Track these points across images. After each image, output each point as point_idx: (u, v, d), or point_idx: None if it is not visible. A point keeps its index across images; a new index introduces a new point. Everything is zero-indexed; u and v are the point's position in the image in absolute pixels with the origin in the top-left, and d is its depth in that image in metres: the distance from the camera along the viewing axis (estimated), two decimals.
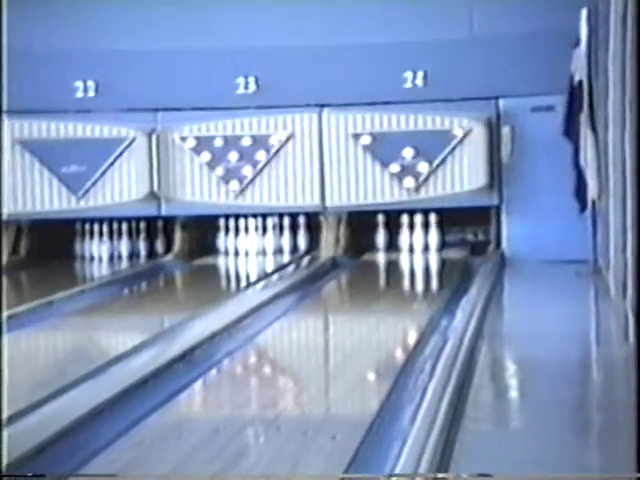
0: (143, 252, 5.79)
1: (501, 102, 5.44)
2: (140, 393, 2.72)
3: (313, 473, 2.18)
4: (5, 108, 5.53)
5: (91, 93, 5.55)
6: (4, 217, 5.57)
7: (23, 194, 5.53)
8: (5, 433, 2.21)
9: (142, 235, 5.82)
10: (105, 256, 5.74)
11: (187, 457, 2.30)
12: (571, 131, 4.84)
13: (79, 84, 5.56)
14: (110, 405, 2.57)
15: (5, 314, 3.83)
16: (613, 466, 2.17)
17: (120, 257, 5.74)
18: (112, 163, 5.52)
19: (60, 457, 2.24)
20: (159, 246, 5.83)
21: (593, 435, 2.46)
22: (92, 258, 5.74)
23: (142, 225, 5.80)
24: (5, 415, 2.03)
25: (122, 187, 5.54)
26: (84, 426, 2.42)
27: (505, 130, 5.40)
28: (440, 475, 1.84)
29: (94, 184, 5.53)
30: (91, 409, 2.51)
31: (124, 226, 5.77)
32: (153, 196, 5.52)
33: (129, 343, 3.56)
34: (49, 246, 5.74)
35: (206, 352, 3.24)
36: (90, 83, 5.56)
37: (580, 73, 4.68)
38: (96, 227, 5.78)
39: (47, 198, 5.54)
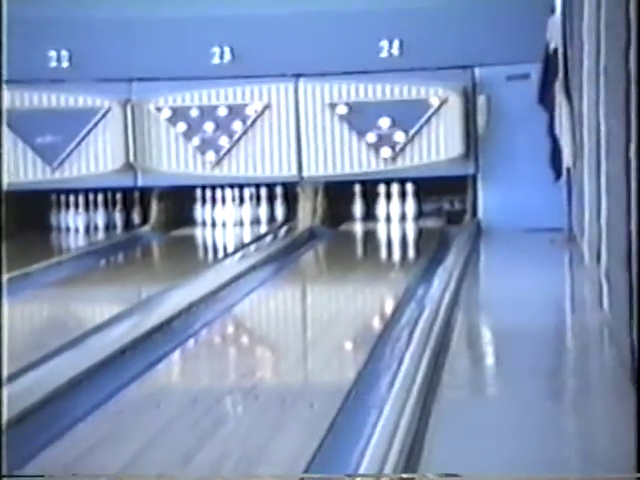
0: (119, 223, 5.77)
1: (477, 71, 5.44)
2: (118, 363, 2.73)
3: (292, 440, 2.19)
4: None
5: (65, 63, 5.50)
6: None
7: None
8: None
9: (118, 206, 5.79)
10: (81, 227, 5.72)
11: (165, 426, 2.32)
12: (546, 99, 4.85)
13: (53, 54, 5.50)
14: (88, 375, 2.58)
15: None
16: (588, 431, 2.20)
17: (96, 228, 5.72)
18: (87, 134, 5.48)
19: (40, 427, 2.25)
20: (135, 217, 5.81)
21: (569, 401, 2.49)
22: (68, 229, 5.71)
23: (118, 196, 5.78)
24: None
25: (98, 158, 5.50)
26: (63, 396, 2.43)
27: (481, 99, 5.40)
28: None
29: (69, 155, 5.49)
30: (69, 379, 2.51)
31: (100, 197, 5.75)
32: (129, 167, 5.50)
33: (107, 314, 3.56)
34: (25, 217, 5.71)
35: (184, 323, 3.25)
36: (64, 53, 5.50)
37: (555, 41, 4.69)
38: (72, 198, 5.74)
39: (22, 169, 5.50)
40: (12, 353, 3.00)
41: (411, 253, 5.24)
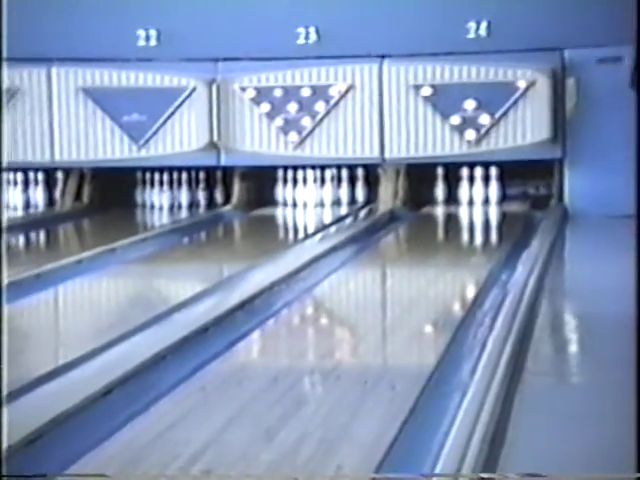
0: (202, 202, 5.83)
1: (566, 53, 5.33)
2: (201, 340, 2.76)
3: (374, 422, 2.19)
4: (69, 56, 5.57)
5: (153, 42, 5.56)
6: (69, 164, 5.64)
7: (86, 142, 5.58)
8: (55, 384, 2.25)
9: (201, 185, 5.85)
10: (165, 205, 5.79)
11: (247, 404, 2.33)
12: (639, 83, 4.73)
13: (141, 33, 5.57)
14: (172, 351, 2.61)
15: (71, 259, 3.90)
16: None
17: (180, 206, 5.79)
18: (173, 113, 5.54)
19: (127, 399, 2.29)
20: (218, 196, 5.86)
21: None
22: (152, 207, 5.79)
23: (202, 175, 5.84)
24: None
25: (182, 137, 5.56)
26: (148, 371, 2.46)
27: (570, 82, 5.29)
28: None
29: (155, 133, 5.56)
30: (154, 354, 2.55)
31: (184, 176, 5.81)
32: (213, 146, 5.54)
33: (190, 291, 3.60)
34: (111, 194, 5.81)
35: (265, 302, 3.27)
36: (152, 32, 5.56)
37: None
38: (157, 176, 5.82)
39: (109, 146, 5.59)
40: (98, 328, 3.06)
41: (494, 237, 5.18)
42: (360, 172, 5.71)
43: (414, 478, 1.89)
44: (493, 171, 5.56)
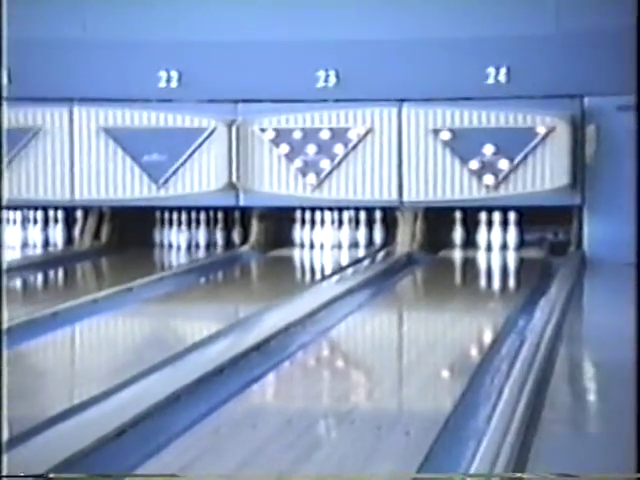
0: (220, 242, 5.84)
1: (586, 100, 5.34)
2: (216, 381, 2.75)
3: (388, 467, 2.17)
4: (90, 96, 5.63)
5: (174, 83, 5.62)
6: (88, 203, 5.68)
7: (105, 181, 5.62)
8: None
9: (219, 225, 5.87)
10: (183, 245, 5.81)
11: (261, 447, 2.32)
12: None
13: (162, 74, 5.63)
14: (187, 392, 2.60)
15: (88, 297, 3.91)
16: None
17: (197, 246, 5.80)
18: (192, 153, 5.58)
19: (138, 442, 2.27)
20: (236, 236, 5.87)
21: None
22: (170, 246, 5.81)
23: (220, 215, 5.85)
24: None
25: (201, 177, 5.59)
26: (162, 411, 2.45)
27: (590, 129, 5.30)
28: (516, 475, 1.81)
29: (174, 173, 5.59)
30: (168, 395, 2.54)
31: (202, 215, 5.83)
32: (231, 186, 5.57)
33: (205, 331, 3.60)
34: (129, 233, 5.83)
35: (280, 343, 3.26)
36: (173, 73, 5.62)
37: None
38: (175, 216, 5.84)
39: (129, 186, 5.62)
40: (113, 367, 3.06)
41: (512, 283, 5.16)
42: (378, 215, 5.71)
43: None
44: (511, 216, 5.55)
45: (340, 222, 5.71)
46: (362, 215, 5.71)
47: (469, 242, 5.61)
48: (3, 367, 2.27)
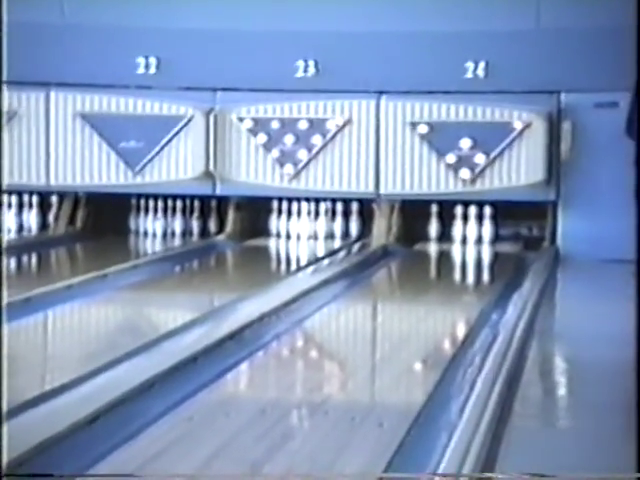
0: (196, 230, 5.83)
1: (563, 96, 5.37)
2: (190, 370, 2.74)
3: (361, 458, 2.18)
4: (68, 81, 5.59)
5: (152, 70, 5.59)
6: (64, 189, 5.65)
7: (82, 167, 5.59)
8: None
9: (195, 213, 5.85)
10: (159, 232, 5.79)
11: (234, 436, 2.32)
12: (634, 130, 4.77)
13: (141, 60, 5.60)
14: (160, 379, 2.60)
15: (62, 283, 3.89)
16: None
17: (173, 234, 5.78)
18: (169, 140, 5.56)
19: (111, 428, 2.27)
20: (212, 225, 5.86)
21: None
22: (146, 234, 5.79)
23: (196, 204, 5.84)
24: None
25: (178, 165, 5.57)
26: (135, 399, 2.45)
27: (566, 125, 5.33)
28: (492, 475, 1.83)
29: (151, 160, 5.57)
30: (142, 382, 2.54)
31: (178, 204, 5.82)
32: (208, 175, 5.55)
33: (180, 320, 3.59)
34: (104, 219, 5.81)
35: (255, 333, 3.26)
36: (152, 60, 5.59)
37: None
38: (151, 203, 5.82)
39: (105, 172, 5.59)
40: (87, 354, 3.05)
41: (486, 277, 5.18)
42: (355, 206, 5.72)
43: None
44: (487, 210, 5.58)
45: (317, 213, 5.72)
46: (339, 206, 5.71)
47: (445, 235, 5.64)
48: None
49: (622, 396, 2.69)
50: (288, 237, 5.72)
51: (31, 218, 5.81)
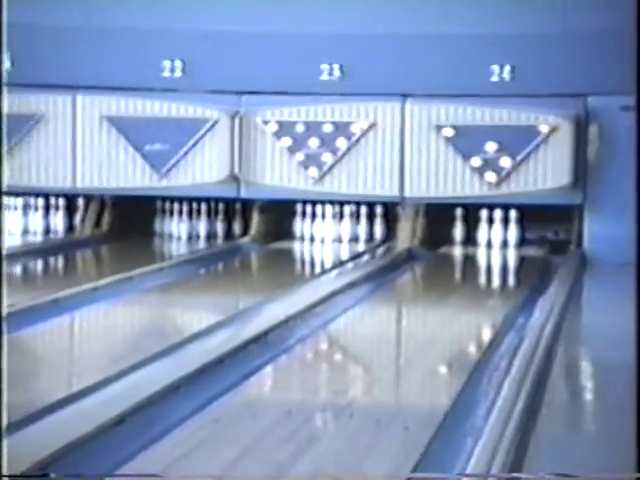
0: (220, 233, 5.84)
1: (590, 100, 5.34)
2: (216, 372, 2.75)
3: (386, 461, 2.17)
4: (94, 84, 5.62)
5: (178, 73, 5.61)
6: (90, 191, 5.68)
7: (108, 169, 5.62)
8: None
9: (220, 216, 5.87)
10: (184, 235, 5.81)
11: (260, 438, 2.32)
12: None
13: (167, 64, 5.62)
14: (186, 382, 2.60)
15: (88, 285, 3.91)
16: None
17: (198, 237, 5.80)
18: (195, 143, 5.57)
19: (138, 429, 2.28)
20: (236, 228, 5.87)
21: None
22: (171, 236, 5.81)
23: (221, 206, 5.85)
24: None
25: (203, 168, 5.59)
26: (161, 401, 2.45)
27: (593, 128, 5.30)
28: (519, 475, 1.82)
29: (176, 163, 5.59)
30: (168, 384, 2.54)
31: (203, 206, 5.83)
32: (233, 178, 5.56)
33: (205, 322, 3.60)
34: (130, 222, 5.83)
35: (280, 336, 3.26)
36: (177, 63, 5.61)
37: None
38: (176, 206, 5.84)
39: (130, 175, 5.62)
40: (113, 355, 3.06)
41: (511, 281, 5.16)
42: (379, 209, 5.71)
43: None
44: (512, 214, 5.55)
45: (341, 216, 5.71)
46: (363, 209, 5.71)
47: (469, 239, 5.62)
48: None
49: None
50: (312, 240, 5.72)
51: (58, 220, 5.84)
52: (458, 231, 5.65)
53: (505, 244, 5.56)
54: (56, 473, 2.01)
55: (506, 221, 5.57)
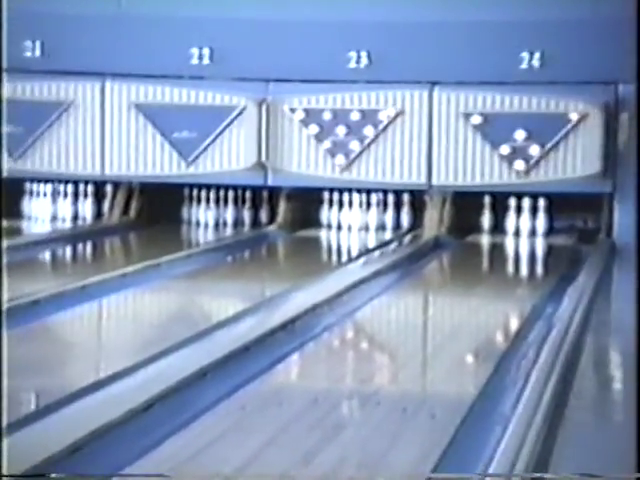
0: (247, 220, 5.85)
1: (620, 87, 5.29)
2: (242, 359, 2.76)
3: (413, 450, 2.17)
4: (123, 71, 5.64)
5: (206, 60, 5.61)
6: (118, 178, 5.71)
7: (136, 156, 5.64)
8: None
9: (247, 204, 5.87)
10: (211, 222, 5.82)
11: (287, 425, 2.33)
12: None
13: (195, 51, 5.62)
14: (213, 368, 2.61)
15: (117, 272, 3.93)
16: None
17: (225, 224, 5.81)
18: (222, 131, 5.58)
19: (166, 415, 2.29)
20: (263, 216, 5.88)
21: None
22: (198, 223, 5.83)
23: (248, 194, 5.86)
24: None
25: (230, 155, 5.59)
26: (188, 387, 2.46)
27: (623, 116, 5.25)
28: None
29: (204, 151, 5.60)
30: (195, 371, 2.55)
31: (230, 194, 5.84)
32: (260, 166, 5.56)
33: (232, 309, 3.61)
34: (158, 209, 5.85)
35: (306, 323, 3.26)
36: (205, 50, 5.62)
37: None
38: (203, 193, 5.86)
39: (158, 162, 5.63)
40: (141, 342, 3.08)
41: (540, 270, 5.13)
42: (406, 197, 5.70)
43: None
44: (541, 202, 5.51)
45: (368, 204, 5.70)
46: (390, 198, 5.69)
47: (497, 227, 5.58)
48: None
49: None
50: (339, 228, 5.71)
51: (86, 207, 5.88)
52: (486, 219, 5.62)
53: (533, 233, 5.53)
54: (84, 458, 2.03)
55: (534, 209, 5.54)
